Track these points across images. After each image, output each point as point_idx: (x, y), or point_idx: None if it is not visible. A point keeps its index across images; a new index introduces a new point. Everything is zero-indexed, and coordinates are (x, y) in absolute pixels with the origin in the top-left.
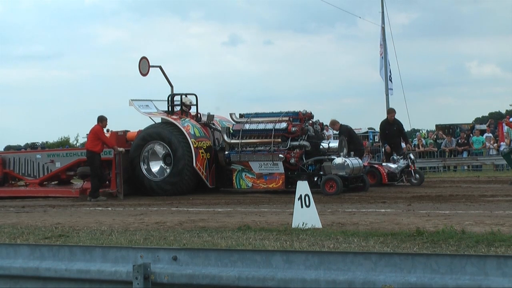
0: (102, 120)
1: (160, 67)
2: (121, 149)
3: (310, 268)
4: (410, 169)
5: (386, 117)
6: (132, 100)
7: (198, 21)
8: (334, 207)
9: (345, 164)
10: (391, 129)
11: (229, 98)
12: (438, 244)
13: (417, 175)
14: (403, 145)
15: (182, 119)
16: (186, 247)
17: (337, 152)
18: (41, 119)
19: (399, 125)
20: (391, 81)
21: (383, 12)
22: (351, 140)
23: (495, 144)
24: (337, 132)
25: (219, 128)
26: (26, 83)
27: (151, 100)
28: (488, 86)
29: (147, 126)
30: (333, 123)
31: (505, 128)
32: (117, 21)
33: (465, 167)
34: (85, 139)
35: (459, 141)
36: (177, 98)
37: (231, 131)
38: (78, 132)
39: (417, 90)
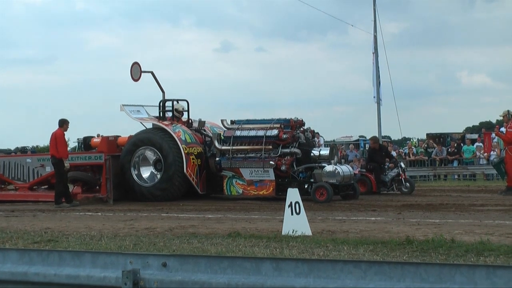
0: (63, 124)
1: (152, 73)
2: (67, 164)
3: (299, 275)
4: (400, 177)
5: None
6: (123, 105)
7: (189, 27)
8: (324, 214)
9: (336, 172)
10: (380, 154)
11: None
12: (427, 253)
13: (408, 184)
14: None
15: (173, 125)
16: (176, 253)
17: (328, 159)
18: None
19: (385, 149)
20: (380, 92)
21: (375, 21)
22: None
23: (485, 154)
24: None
25: (210, 134)
26: (17, 87)
27: (142, 106)
28: (479, 95)
29: (138, 131)
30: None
31: (495, 138)
32: (109, 26)
33: (456, 176)
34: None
35: (449, 150)
36: (168, 104)
37: (222, 137)
38: (69, 137)
39: (408, 99)
